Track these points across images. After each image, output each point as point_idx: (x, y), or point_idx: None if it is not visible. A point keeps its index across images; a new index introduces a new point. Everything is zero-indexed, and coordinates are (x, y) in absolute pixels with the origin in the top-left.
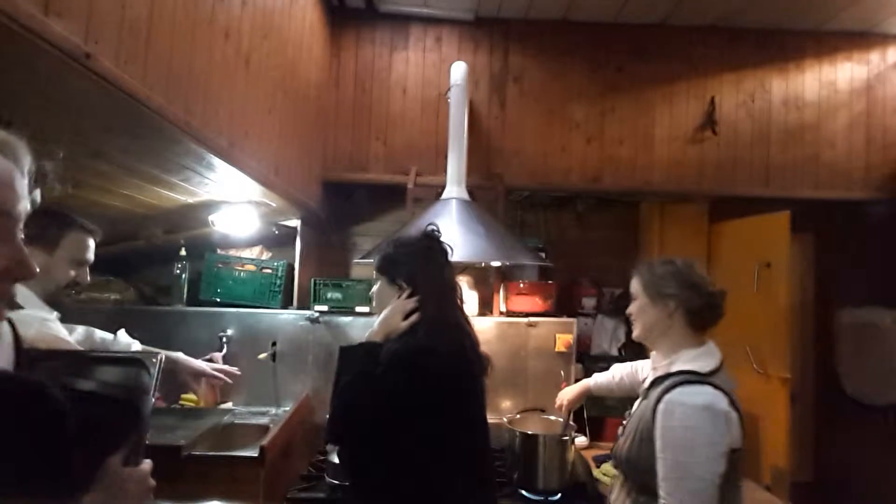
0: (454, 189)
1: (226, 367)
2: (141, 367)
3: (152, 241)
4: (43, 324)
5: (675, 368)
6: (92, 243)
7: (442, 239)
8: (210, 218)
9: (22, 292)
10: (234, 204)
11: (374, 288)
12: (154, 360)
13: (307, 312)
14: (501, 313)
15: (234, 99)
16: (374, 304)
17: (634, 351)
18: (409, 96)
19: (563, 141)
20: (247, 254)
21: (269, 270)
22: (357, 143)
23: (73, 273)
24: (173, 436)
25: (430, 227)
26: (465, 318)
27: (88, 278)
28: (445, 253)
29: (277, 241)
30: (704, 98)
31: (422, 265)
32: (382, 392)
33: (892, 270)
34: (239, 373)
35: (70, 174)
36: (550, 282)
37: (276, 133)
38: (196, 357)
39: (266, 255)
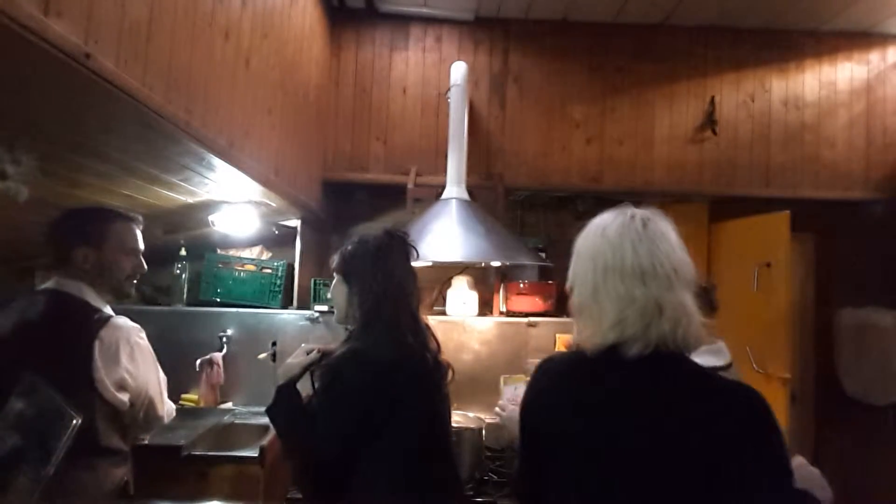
0: (454, 189)
1: None
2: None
3: (152, 241)
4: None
5: None
6: (137, 230)
7: (405, 239)
8: (210, 218)
9: (92, 296)
10: (234, 204)
11: (332, 285)
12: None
13: (307, 312)
14: (501, 313)
15: (234, 99)
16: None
17: None
18: (409, 96)
19: (563, 141)
20: (247, 254)
21: (268, 270)
22: (357, 143)
23: (127, 263)
24: (173, 436)
25: (395, 226)
26: (420, 323)
27: (145, 266)
28: (405, 253)
29: (277, 241)
30: (704, 98)
31: (373, 263)
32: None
33: (892, 270)
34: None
35: (70, 174)
36: (550, 282)
37: (276, 133)
38: (195, 357)
39: (266, 255)
